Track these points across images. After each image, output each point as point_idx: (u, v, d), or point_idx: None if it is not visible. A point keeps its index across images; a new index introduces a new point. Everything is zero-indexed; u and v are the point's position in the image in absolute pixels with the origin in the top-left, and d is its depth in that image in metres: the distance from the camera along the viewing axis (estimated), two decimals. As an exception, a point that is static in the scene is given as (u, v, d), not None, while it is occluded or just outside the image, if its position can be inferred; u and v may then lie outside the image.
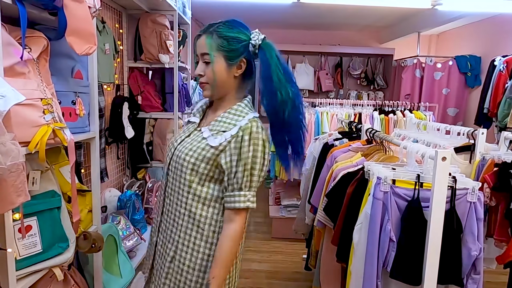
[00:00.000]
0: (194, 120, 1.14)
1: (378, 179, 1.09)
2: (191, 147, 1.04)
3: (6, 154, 0.67)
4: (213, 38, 1.01)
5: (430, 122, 2.40)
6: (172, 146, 1.12)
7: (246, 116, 1.03)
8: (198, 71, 1.05)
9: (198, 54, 1.04)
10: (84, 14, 1.04)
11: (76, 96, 1.21)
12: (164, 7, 2.39)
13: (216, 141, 1.01)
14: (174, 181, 1.07)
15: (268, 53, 1.01)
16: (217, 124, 1.04)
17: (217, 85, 1.04)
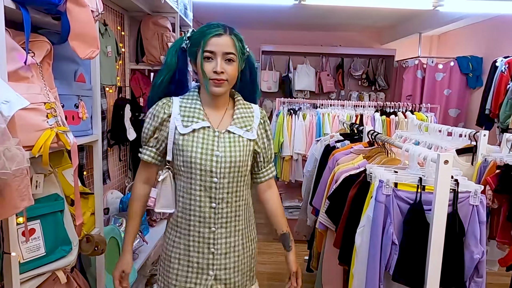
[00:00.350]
0: (205, 125, 1.12)
1: (380, 182, 1.10)
2: (238, 148, 1.13)
3: (11, 159, 0.68)
4: (236, 40, 1.09)
5: (431, 124, 2.39)
6: (211, 156, 1.10)
7: (252, 105, 1.22)
8: (219, 68, 1.06)
9: (217, 51, 1.06)
10: (87, 18, 1.04)
11: (79, 100, 1.22)
12: (166, 9, 2.40)
13: (254, 133, 1.17)
14: (228, 184, 1.12)
15: (253, 61, 1.21)
16: (241, 120, 1.16)
17: (232, 84, 1.12)
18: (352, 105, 3.55)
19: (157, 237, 2.23)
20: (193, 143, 1.11)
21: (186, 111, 1.14)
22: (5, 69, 0.82)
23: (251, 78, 1.21)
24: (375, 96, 5.46)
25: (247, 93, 1.23)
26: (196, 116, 1.13)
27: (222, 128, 1.14)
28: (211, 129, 1.13)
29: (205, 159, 1.10)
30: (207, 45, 1.06)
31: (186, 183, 1.12)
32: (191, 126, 1.12)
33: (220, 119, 1.16)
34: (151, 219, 2.42)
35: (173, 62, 1.14)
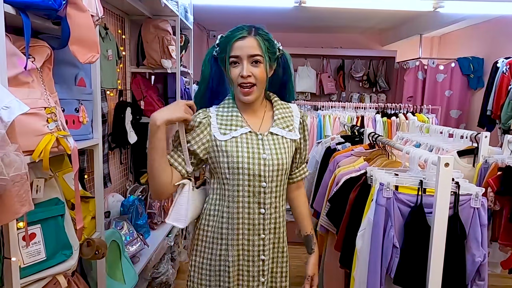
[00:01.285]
0: (246, 130, 1.10)
1: (381, 185, 1.09)
2: (283, 150, 1.11)
3: (9, 165, 0.68)
4: (262, 40, 1.05)
5: (433, 125, 2.39)
6: (258, 160, 1.07)
7: (290, 105, 1.20)
8: (245, 71, 1.03)
9: (242, 55, 1.04)
10: (87, 23, 1.04)
11: (79, 104, 1.22)
12: (166, 13, 2.40)
13: (296, 133, 1.15)
14: (276, 187, 1.11)
15: (288, 60, 1.16)
16: (282, 121, 1.14)
17: (262, 86, 1.09)
18: (353, 106, 3.55)
19: (158, 240, 2.23)
20: (237, 148, 1.07)
21: (224, 119, 1.11)
22: (5, 75, 0.83)
23: (284, 78, 1.17)
24: (376, 97, 5.45)
25: (280, 94, 1.20)
26: (234, 123, 1.10)
27: (264, 130, 1.12)
28: (253, 133, 1.10)
29: (253, 163, 1.07)
30: (232, 50, 1.04)
31: (232, 191, 1.08)
32: (230, 134, 1.09)
33: (260, 122, 1.13)
34: (152, 222, 2.42)
35: (207, 71, 1.13)
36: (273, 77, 1.15)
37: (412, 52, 5.05)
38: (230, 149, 1.07)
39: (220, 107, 1.14)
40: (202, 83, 1.16)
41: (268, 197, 1.09)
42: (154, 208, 2.43)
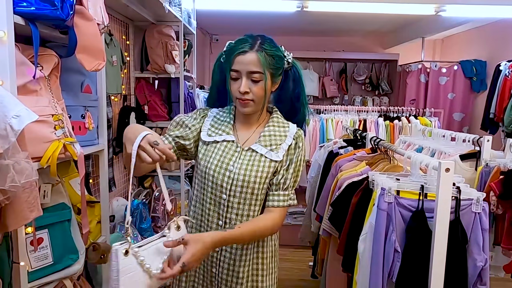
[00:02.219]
0: (230, 139, 1.08)
1: (382, 189, 1.10)
2: (257, 168, 1.04)
3: (20, 172, 0.70)
4: (263, 56, 1.00)
5: (435, 129, 2.40)
6: (225, 171, 1.05)
7: (289, 124, 1.11)
8: (244, 88, 1.01)
9: (242, 70, 1.01)
10: (94, 32, 1.07)
11: (85, 110, 1.24)
12: (170, 18, 2.43)
13: (279, 155, 1.06)
14: (238, 204, 1.05)
15: (299, 73, 1.11)
16: (268, 139, 1.07)
17: (260, 102, 1.05)
18: (355, 110, 3.56)
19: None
20: (212, 153, 1.07)
21: (217, 122, 1.12)
22: (15, 84, 0.85)
23: (296, 92, 1.10)
24: (379, 100, 5.45)
25: (288, 112, 1.13)
26: (222, 129, 1.10)
27: (247, 145, 1.08)
28: (234, 144, 1.08)
29: (218, 171, 1.05)
30: (233, 64, 1.02)
31: (200, 192, 1.11)
32: (214, 137, 1.09)
33: (249, 136, 1.10)
34: (155, 225, 2.44)
35: (216, 77, 1.13)
36: (282, 91, 1.11)
37: (414, 55, 5.05)
38: (206, 153, 1.08)
39: (221, 111, 1.15)
40: (213, 87, 1.17)
41: (229, 212, 1.05)
42: (158, 212, 2.45)
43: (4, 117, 0.72)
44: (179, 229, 0.92)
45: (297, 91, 1.10)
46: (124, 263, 0.81)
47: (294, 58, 1.11)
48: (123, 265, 0.81)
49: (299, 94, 1.11)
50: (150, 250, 0.86)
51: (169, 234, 0.90)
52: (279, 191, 1.06)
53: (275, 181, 1.06)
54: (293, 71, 1.10)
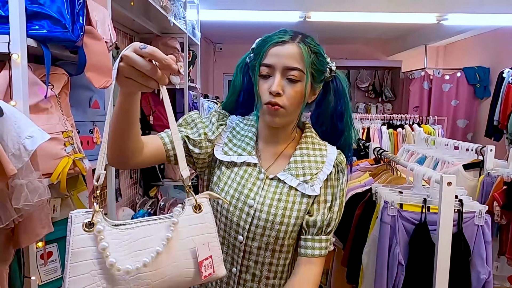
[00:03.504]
0: (252, 161, 0.84)
1: (385, 203, 1.12)
2: (285, 204, 0.80)
3: (33, 191, 0.72)
4: (307, 51, 0.78)
5: (438, 138, 2.40)
6: (243, 205, 0.81)
7: (327, 146, 0.87)
8: (277, 87, 0.76)
9: (277, 64, 0.78)
10: (102, 51, 1.10)
11: (93, 125, 1.27)
12: (175, 31, 2.48)
13: (315, 188, 0.81)
14: (258, 250, 0.82)
15: (343, 85, 0.88)
16: (300, 166, 0.83)
17: (294, 111, 0.81)
18: (358, 118, 3.57)
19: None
20: (228, 179, 0.83)
21: (236, 137, 0.87)
22: (27, 104, 0.88)
23: (338, 108, 0.86)
24: (382, 107, 5.48)
25: (327, 134, 0.89)
26: (242, 146, 0.85)
27: (272, 171, 0.84)
28: (257, 169, 0.83)
29: (235, 206, 0.81)
30: (265, 57, 0.79)
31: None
32: (231, 157, 0.84)
33: (274, 159, 0.86)
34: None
35: (237, 81, 0.89)
36: (321, 107, 0.88)
37: (417, 62, 5.08)
38: (221, 175, 0.84)
39: (242, 122, 0.90)
40: (232, 95, 0.91)
41: (246, 258, 0.82)
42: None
43: (18, 137, 0.75)
44: (199, 210, 0.65)
45: (340, 108, 0.86)
46: (80, 241, 0.54)
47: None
48: (78, 245, 0.54)
49: (343, 111, 0.87)
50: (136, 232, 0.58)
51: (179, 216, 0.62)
52: (321, 235, 0.82)
53: (315, 223, 0.81)
54: (336, 82, 0.87)
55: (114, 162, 0.77)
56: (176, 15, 2.26)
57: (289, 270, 0.86)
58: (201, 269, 0.63)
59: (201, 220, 0.65)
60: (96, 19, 1.11)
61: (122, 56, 0.59)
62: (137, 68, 0.59)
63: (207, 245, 0.65)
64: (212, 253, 0.65)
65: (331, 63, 0.86)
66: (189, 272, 0.63)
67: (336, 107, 0.87)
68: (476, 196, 1.74)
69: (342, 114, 0.87)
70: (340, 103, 0.87)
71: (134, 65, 0.59)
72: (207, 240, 0.65)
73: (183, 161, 0.68)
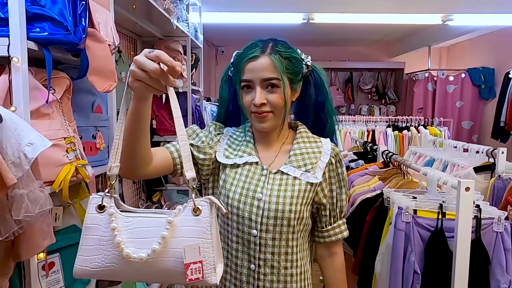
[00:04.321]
0: (253, 160, 0.91)
1: (399, 209, 1.08)
2: (291, 193, 0.87)
3: (34, 201, 0.69)
4: (278, 59, 0.86)
5: (446, 140, 2.36)
6: (252, 199, 0.88)
7: (321, 139, 0.96)
8: (259, 99, 0.85)
9: (254, 79, 0.86)
10: (105, 54, 1.07)
11: (96, 131, 1.24)
12: (177, 33, 2.45)
13: (317, 176, 0.89)
14: (273, 240, 0.87)
15: (321, 76, 0.95)
16: (299, 158, 0.91)
17: (280, 114, 0.89)
18: (363, 120, 3.53)
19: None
20: (233, 180, 0.90)
21: (234, 143, 0.95)
22: (28, 110, 0.85)
23: (319, 99, 0.94)
24: (386, 109, 5.43)
25: (313, 125, 0.98)
26: (242, 149, 0.93)
27: (274, 167, 0.91)
28: (259, 166, 0.91)
29: (244, 201, 0.87)
30: (243, 73, 0.87)
31: (223, 228, 0.92)
32: (233, 159, 0.91)
33: (273, 157, 0.93)
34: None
35: (224, 93, 0.97)
36: (304, 100, 0.96)
37: (420, 63, 5.04)
38: (226, 178, 0.91)
39: (237, 131, 0.98)
40: (221, 107, 1.00)
41: (262, 251, 0.87)
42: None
43: (18, 145, 0.71)
44: (197, 213, 0.65)
45: (320, 99, 0.94)
46: (93, 219, 0.67)
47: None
48: (90, 221, 0.67)
49: (323, 101, 0.95)
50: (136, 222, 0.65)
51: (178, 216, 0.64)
52: (338, 220, 0.95)
53: (328, 212, 0.93)
54: (314, 76, 0.95)
55: (125, 171, 0.80)
56: (179, 17, 2.23)
57: (302, 258, 0.92)
58: (186, 271, 0.64)
59: (197, 223, 0.66)
60: (99, 21, 1.08)
61: (133, 61, 0.65)
62: (145, 70, 0.63)
63: (197, 249, 0.65)
64: (204, 259, 0.65)
65: (306, 59, 0.93)
66: (175, 271, 0.65)
67: (317, 98, 0.95)
68: (487, 199, 1.70)
69: (323, 104, 0.95)
70: (320, 94, 0.95)
71: (142, 67, 0.63)
72: (200, 244, 0.65)
73: (188, 161, 0.69)
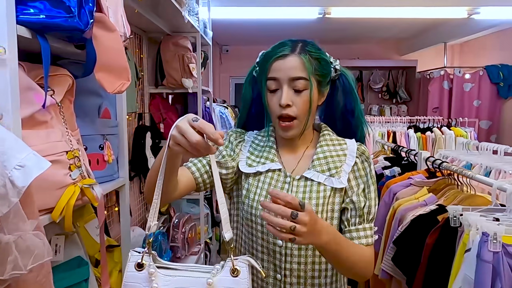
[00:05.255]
0: (275, 167, 0.88)
1: (485, 236, 0.87)
2: (316, 201, 0.83)
3: (26, 252, 0.48)
4: (308, 59, 0.82)
5: (483, 143, 2.15)
6: None
7: (345, 141, 0.91)
8: (286, 99, 0.81)
9: (282, 78, 0.82)
10: (116, 46, 0.86)
11: (104, 140, 1.03)
12: (187, 29, 2.24)
13: (342, 180, 0.84)
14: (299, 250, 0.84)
15: (349, 81, 0.91)
16: (323, 162, 0.86)
17: (304, 119, 0.85)
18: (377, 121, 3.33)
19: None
20: (256, 189, 0.87)
21: (257, 149, 0.92)
22: (19, 117, 0.64)
23: (347, 107, 0.91)
24: (397, 109, 5.25)
25: (342, 131, 0.94)
26: (265, 156, 0.90)
27: (298, 173, 0.88)
28: (282, 173, 0.87)
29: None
30: (270, 71, 0.84)
31: (248, 238, 0.89)
32: (256, 167, 0.88)
33: (297, 161, 0.90)
34: (175, 256, 2.20)
35: (248, 94, 0.94)
36: (332, 106, 0.92)
37: (433, 61, 4.85)
38: (250, 188, 0.88)
39: (259, 135, 0.95)
40: (244, 109, 0.97)
41: (288, 261, 0.84)
42: (177, 241, 2.22)
43: (3, 168, 0.50)
44: (236, 274, 0.67)
45: (350, 104, 0.91)
46: (132, 277, 0.68)
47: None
48: (130, 279, 0.68)
49: (353, 107, 0.91)
50: (176, 281, 0.67)
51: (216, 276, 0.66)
52: (364, 224, 0.83)
53: (352, 213, 0.84)
54: (342, 80, 0.91)
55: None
56: (190, 10, 2.02)
57: (333, 267, 0.85)
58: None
59: (235, 284, 0.67)
60: (108, 5, 0.87)
61: (176, 125, 0.66)
62: (187, 138, 0.64)
63: None
64: None
65: (334, 62, 0.90)
66: None
67: (346, 105, 0.91)
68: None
69: (352, 110, 0.91)
70: (350, 100, 0.91)
71: (184, 134, 0.64)
72: None
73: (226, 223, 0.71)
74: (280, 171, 0.88)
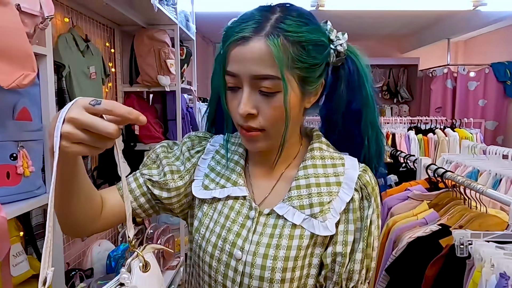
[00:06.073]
0: (239, 194, 0.62)
1: (504, 279, 0.65)
2: (282, 250, 0.57)
3: None
4: (279, 45, 0.53)
5: (491, 146, 1.93)
6: (228, 257, 0.59)
7: (345, 160, 0.62)
8: (245, 107, 0.55)
9: (242, 73, 0.55)
10: (11, 25, 0.65)
11: (17, 147, 0.82)
12: (163, 21, 2.05)
13: (328, 224, 0.57)
14: None
15: (360, 70, 0.63)
16: (305, 192, 0.59)
17: (278, 132, 0.58)
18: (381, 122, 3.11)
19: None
20: (210, 222, 0.62)
21: (221, 162, 0.66)
22: None
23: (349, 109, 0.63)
24: (398, 109, 5.03)
25: (342, 138, 0.66)
26: (226, 175, 0.64)
27: (269, 203, 0.61)
28: (247, 203, 0.61)
29: (218, 259, 0.60)
30: (228, 62, 0.56)
31: (196, 281, 0.67)
32: (212, 192, 0.63)
33: (271, 186, 0.63)
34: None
35: (215, 79, 0.64)
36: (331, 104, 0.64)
37: (436, 58, 4.62)
38: (202, 218, 0.64)
39: (230, 141, 0.68)
40: (211, 102, 0.70)
41: None
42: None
43: None
44: (146, 268, 0.52)
45: (357, 104, 0.62)
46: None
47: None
48: None
49: (360, 108, 0.62)
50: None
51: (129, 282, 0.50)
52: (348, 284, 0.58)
53: (333, 273, 0.58)
54: (348, 67, 0.62)
55: (69, 232, 0.63)
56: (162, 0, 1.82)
57: None
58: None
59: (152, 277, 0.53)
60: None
61: (67, 119, 0.44)
62: (94, 131, 0.44)
63: None
64: None
65: (336, 40, 0.60)
66: None
67: (349, 104, 0.63)
68: None
69: (359, 113, 0.62)
70: (356, 96, 0.62)
71: (89, 128, 0.44)
72: None
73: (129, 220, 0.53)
74: (244, 199, 0.62)
